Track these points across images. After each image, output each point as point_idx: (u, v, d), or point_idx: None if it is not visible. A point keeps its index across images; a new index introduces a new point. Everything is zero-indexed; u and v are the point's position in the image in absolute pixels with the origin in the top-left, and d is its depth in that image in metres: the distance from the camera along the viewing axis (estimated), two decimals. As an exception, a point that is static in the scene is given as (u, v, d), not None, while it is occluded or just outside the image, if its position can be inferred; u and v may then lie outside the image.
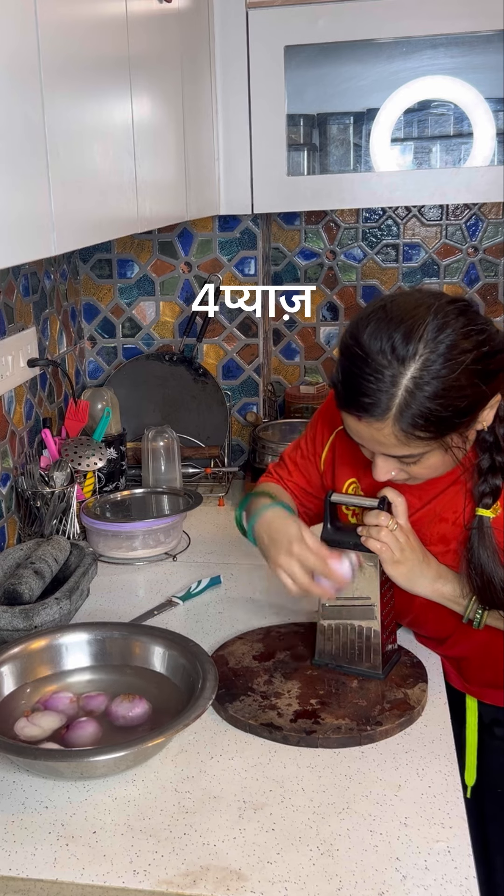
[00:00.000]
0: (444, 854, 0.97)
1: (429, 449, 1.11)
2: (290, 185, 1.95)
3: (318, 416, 1.43)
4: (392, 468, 1.16)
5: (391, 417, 1.07)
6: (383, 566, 1.23)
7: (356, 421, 1.11)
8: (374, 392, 1.06)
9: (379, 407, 1.07)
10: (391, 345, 1.05)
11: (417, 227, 2.33)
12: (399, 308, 1.09)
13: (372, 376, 1.06)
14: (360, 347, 1.08)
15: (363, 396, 1.07)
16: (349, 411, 1.11)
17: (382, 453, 1.14)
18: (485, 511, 1.20)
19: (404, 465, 1.15)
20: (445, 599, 1.24)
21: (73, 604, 1.47)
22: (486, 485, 1.19)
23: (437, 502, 1.26)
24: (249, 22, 1.86)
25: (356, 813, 1.04)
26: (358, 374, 1.08)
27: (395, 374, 1.05)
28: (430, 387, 1.05)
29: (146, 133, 1.34)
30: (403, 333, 1.06)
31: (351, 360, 1.09)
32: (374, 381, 1.06)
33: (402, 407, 1.06)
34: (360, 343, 1.08)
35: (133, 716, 1.17)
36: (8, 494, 1.73)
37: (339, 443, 1.37)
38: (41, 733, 1.14)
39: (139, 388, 2.23)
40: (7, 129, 0.83)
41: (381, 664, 1.28)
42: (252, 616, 1.51)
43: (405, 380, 1.05)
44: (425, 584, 1.23)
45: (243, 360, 2.25)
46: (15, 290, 1.78)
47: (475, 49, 1.98)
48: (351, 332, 1.10)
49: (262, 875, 0.94)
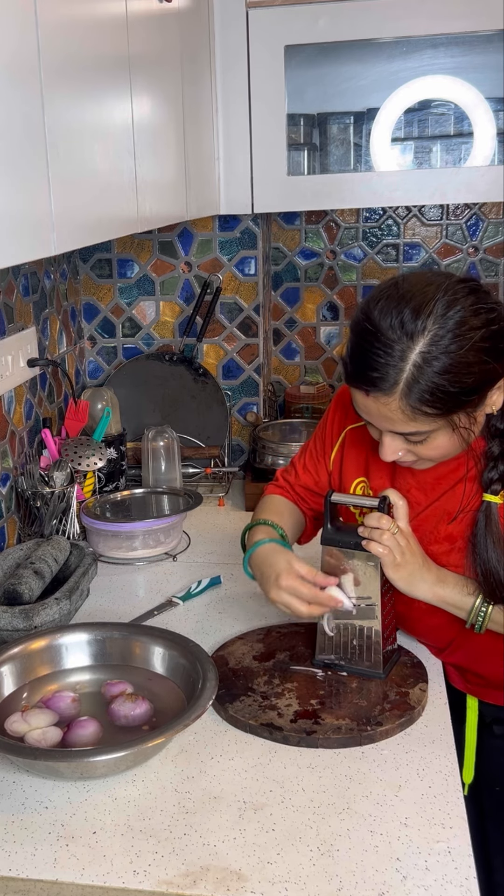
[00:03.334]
0: (444, 854, 0.97)
1: (435, 427, 1.12)
2: (291, 184, 1.95)
3: (327, 416, 1.44)
4: (399, 448, 1.17)
5: (399, 392, 1.08)
6: (383, 569, 1.23)
7: (364, 396, 1.12)
8: (383, 366, 1.08)
9: (387, 381, 1.08)
10: (400, 320, 1.07)
11: (418, 226, 2.33)
12: (410, 286, 1.11)
13: (381, 350, 1.08)
14: (370, 322, 1.10)
15: (372, 371, 1.09)
16: (358, 386, 1.13)
17: (389, 431, 1.15)
18: (492, 497, 1.21)
19: (411, 445, 1.16)
20: (445, 604, 1.24)
21: (73, 604, 1.47)
22: (495, 471, 1.21)
23: (444, 499, 1.26)
24: (249, 22, 1.86)
25: (356, 813, 1.03)
26: (367, 348, 1.09)
27: (404, 348, 1.07)
28: (439, 362, 1.07)
29: (146, 133, 1.34)
30: (413, 309, 1.08)
31: (361, 335, 1.11)
32: (382, 355, 1.08)
33: (410, 382, 1.07)
34: (371, 319, 1.10)
35: (135, 715, 1.17)
36: (8, 494, 1.73)
37: (348, 442, 1.38)
38: (27, 730, 1.14)
39: (139, 388, 2.22)
40: (7, 128, 0.83)
41: (381, 664, 1.28)
42: (252, 616, 1.51)
43: (414, 354, 1.07)
44: (425, 587, 1.23)
45: (243, 360, 2.25)
46: (15, 290, 1.78)
47: (475, 49, 1.98)
48: (362, 308, 1.13)
49: (262, 875, 0.94)
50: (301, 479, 1.45)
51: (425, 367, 1.07)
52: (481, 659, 1.31)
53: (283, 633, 1.42)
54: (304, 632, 1.41)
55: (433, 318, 1.07)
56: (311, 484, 1.44)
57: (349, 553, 1.26)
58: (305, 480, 1.44)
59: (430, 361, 1.06)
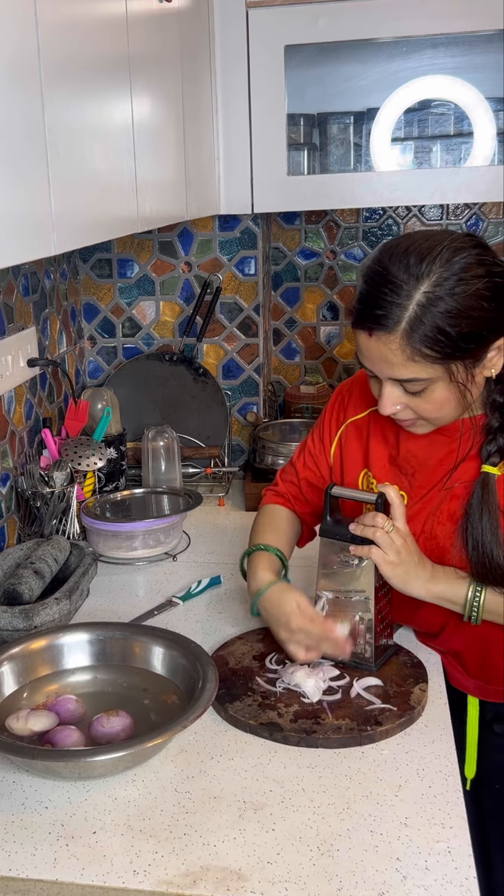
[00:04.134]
0: (444, 854, 0.97)
1: (433, 375, 1.15)
2: (290, 184, 1.95)
3: (325, 412, 1.46)
4: (398, 399, 1.19)
5: (401, 331, 1.12)
6: (378, 568, 1.24)
7: (367, 337, 1.16)
8: (388, 304, 1.13)
9: (391, 318, 1.13)
10: (407, 263, 1.13)
11: (418, 226, 2.33)
12: (419, 235, 1.18)
13: (387, 290, 1.13)
14: (379, 265, 1.16)
15: (377, 309, 1.14)
16: (363, 326, 1.17)
17: (389, 377, 1.18)
18: (490, 468, 1.23)
19: (409, 397, 1.19)
20: (439, 599, 1.25)
21: (73, 604, 1.47)
22: (494, 444, 1.23)
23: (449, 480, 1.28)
24: (249, 22, 1.86)
25: (356, 813, 1.03)
26: (375, 289, 1.15)
27: (410, 289, 1.12)
28: (443, 303, 1.11)
29: (146, 133, 1.34)
30: (420, 254, 1.14)
31: (370, 277, 1.17)
32: (388, 293, 1.13)
33: (413, 321, 1.12)
34: (381, 262, 1.16)
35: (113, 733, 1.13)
36: (8, 494, 1.73)
37: (348, 435, 1.39)
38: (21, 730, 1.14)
39: (139, 388, 2.22)
40: (7, 128, 0.83)
41: (373, 656, 1.29)
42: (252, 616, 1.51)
43: (418, 294, 1.12)
44: (419, 585, 1.24)
45: (243, 360, 2.25)
46: (15, 290, 1.78)
47: (475, 49, 1.98)
48: (374, 255, 1.19)
49: (262, 875, 0.94)
50: (302, 475, 1.46)
51: (429, 307, 1.11)
52: (477, 647, 1.32)
53: (283, 633, 1.42)
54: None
55: (439, 262, 1.13)
56: (314, 479, 1.45)
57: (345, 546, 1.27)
58: (307, 476, 1.45)
59: (433, 301, 1.11)
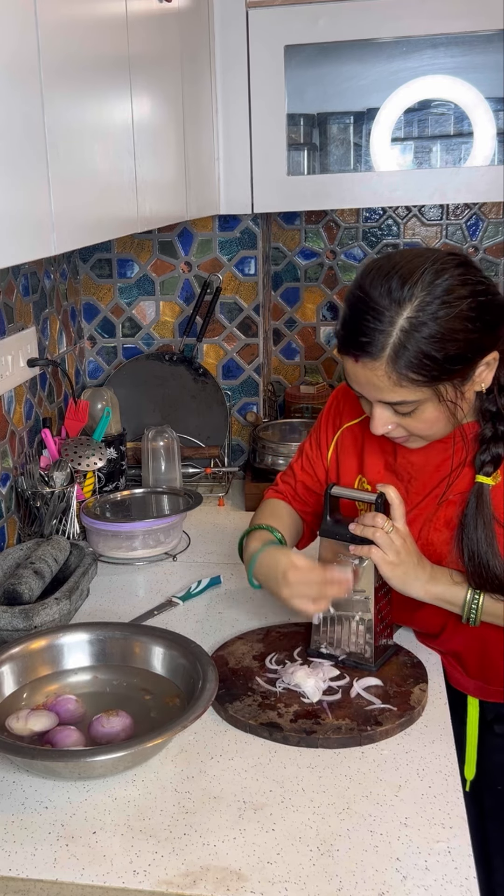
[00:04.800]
0: (444, 854, 0.97)
1: (422, 397, 1.14)
2: (290, 184, 1.95)
3: (321, 416, 1.46)
4: (388, 420, 1.19)
5: (386, 357, 1.12)
6: (378, 568, 1.24)
7: (353, 363, 1.16)
8: (372, 331, 1.12)
9: (375, 346, 1.12)
10: (389, 287, 1.12)
11: (418, 226, 2.33)
12: (400, 258, 1.16)
13: (370, 316, 1.12)
14: (361, 291, 1.14)
15: (361, 336, 1.13)
16: (347, 352, 1.16)
17: (378, 400, 1.17)
18: (484, 478, 1.22)
19: (400, 417, 1.18)
20: (438, 600, 1.25)
21: (73, 604, 1.47)
22: (488, 453, 1.23)
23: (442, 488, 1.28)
24: (249, 22, 1.86)
25: (356, 813, 1.03)
26: (358, 315, 1.14)
27: (393, 314, 1.11)
28: (426, 328, 1.10)
29: (146, 133, 1.34)
30: (401, 277, 1.12)
31: (353, 303, 1.16)
32: (371, 320, 1.12)
33: (397, 347, 1.11)
34: (362, 287, 1.14)
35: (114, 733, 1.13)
36: (8, 494, 1.73)
37: (344, 440, 1.40)
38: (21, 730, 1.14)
39: (139, 388, 2.22)
40: (7, 128, 0.83)
41: (373, 657, 1.29)
42: (252, 616, 1.51)
43: (401, 320, 1.10)
44: (418, 585, 1.24)
45: (243, 360, 2.25)
46: (15, 290, 1.78)
47: (475, 49, 1.98)
48: (356, 279, 1.18)
49: (262, 875, 0.94)
50: (299, 478, 1.47)
51: (412, 333, 1.10)
52: (477, 647, 1.32)
53: (283, 633, 1.42)
54: (303, 632, 1.41)
55: (421, 285, 1.11)
56: (311, 482, 1.45)
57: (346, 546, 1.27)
58: (304, 479, 1.46)
59: (417, 327, 1.10)
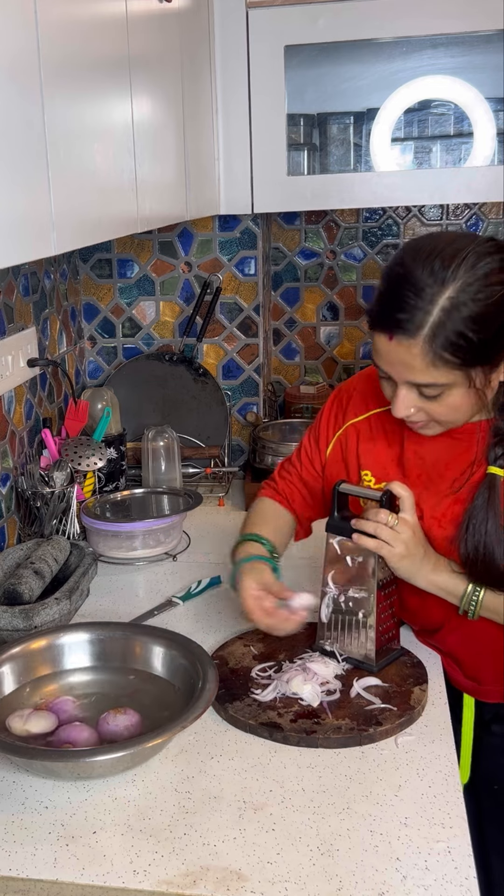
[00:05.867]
0: (444, 854, 0.97)
1: (452, 380, 1.13)
2: (290, 184, 1.95)
3: (322, 413, 1.46)
4: (412, 402, 1.18)
5: (423, 336, 1.10)
6: (386, 560, 1.24)
7: (387, 341, 1.14)
8: (412, 308, 1.10)
9: (413, 323, 1.10)
10: (432, 267, 1.11)
11: (418, 226, 2.33)
12: (443, 238, 1.15)
13: (411, 293, 1.11)
14: (402, 267, 1.13)
15: (400, 312, 1.11)
16: (383, 329, 1.14)
17: (407, 381, 1.16)
18: (497, 469, 1.22)
19: (424, 401, 1.17)
20: (439, 589, 1.26)
21: (73, 604, 1.47)
22: (501, 446, 1.22)
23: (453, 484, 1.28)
24: (249, 22, 1.86)
25: (356, 813, 1.04)
26: (398, 291, 1.12)
27: (434, 293, 1.10)
28: (467, 308, 1.09)
29: (146, 133, 1.34)
30: (444, 257, 1.11)
31: (393, 279, 1.14)
32: (412, 297, 1.11)
33: (436, 326, 1.10)
34: (404, 264, 1.13)
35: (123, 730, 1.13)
36: (8, 494, 1.73)
37: (346, 439, 1.39)
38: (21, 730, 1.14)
39: (139, 388, 2.22)
40: (7, 129, 0.83)
41: (374, 657, 1.29)
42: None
43: (442, 299, 1.10)
44: (422, 575, 1.25)
45: (243, 360, 2.25)
46: (15, 290, 1.78)
47: (475, 49, 1.98)
48: (397, 256, 1.17)
49: (262, 875, 0.94)
50: (298, 475, 1.48)
51: (453, 313, 1.09)
52: (476, 645, 1.32)
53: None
54: (303, 632, 1.40)
55: (464, 267, 1.10)
56: (309, 479, 1.46)
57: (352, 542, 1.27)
58: (303, 476, 1.47)
59: (458, 307, 1.09)
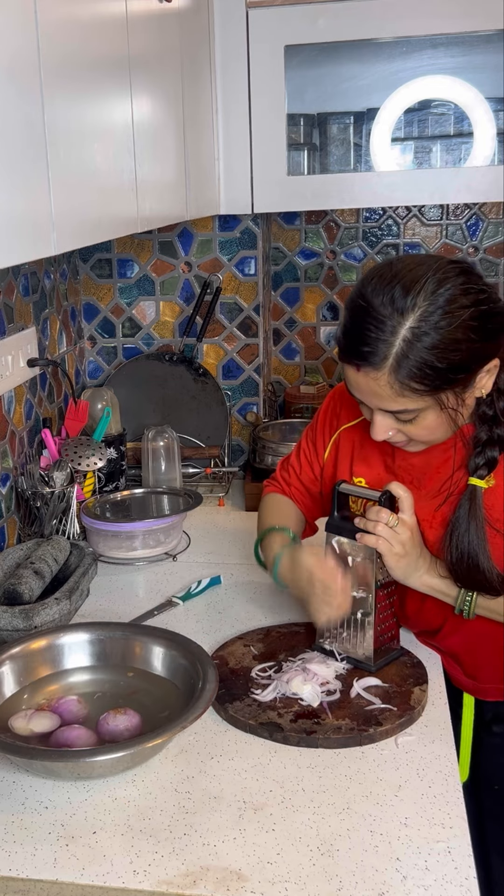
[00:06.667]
0: (444, 854, 0.97)
1: (424, 406, 1.14)
2: (290, 184, 1.95)
3: (317, 416, 1.46)
4: (389, 426, 1.19)
5: (388, 367, 1.11)
6: (383, 559, 1.25)
7: (355, 372, 1.15)
8: (374, 341, 1.11)
9: (377, 356, 1.11)
10: (391, 297, 1.11)
11: (418, 226, 2.33)
12: (402, 265, 1.15)
13: (372, 325, 1.11)
14: (363, 299, 1.13)
15: (363, 345, 1.12)
16: (349, 361, 1.16)
17: (379, 408, 1.17)
18: (477, 481, 1.22)
19: (401, 424, 1.18)
20: (433, 590, 1.26)
21: (73, 604, 1.47)
22: (482, 456, 1.22)
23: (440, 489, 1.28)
24: (249, 22, 1.86)
25: (356, 813, 1.03)
26: (360, 324, 1.13)
27: (395, 324, 1.10)
28: (428, 338, 1.09)
29: (146, 133, 1.34)
30: (404, 286, 1.11)
31: (354, 311, 1.15)
32: (374, 330, 1.11)
33: (400, 357, 1.10)
34: (364, 296, 1.13)
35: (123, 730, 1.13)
36: (8, 494, 1.73)
37: (340, 444, 1.39)
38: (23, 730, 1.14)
39: (139, 388, 2.22)
40: (7, 129, 0.83)
41: (373, 656, 1.29)
42: (252, 616, 1.51)
43: (404, 330, 1.10)
44: (417, 576, 1.26)
45: (243, 360, 2.25)
46: (15, 290, 1.78)
47: (475, 49, 1.98)
48: (357, 287, 1.17)
49: (262, 875, 0.94)
50: (297, 476, 1.48)
51: (414, 343, 1.09)
52: (476, 645, 1.32)
53: (283, 633, 1.42)
54: (303, 632, 1.41)
55: (423, 295, 1.10)
56: (308, 481, 1.46)
57: (351, 542, 1.28)
58: (301, 478, 1.47)
59: (419, 337, 1.09)
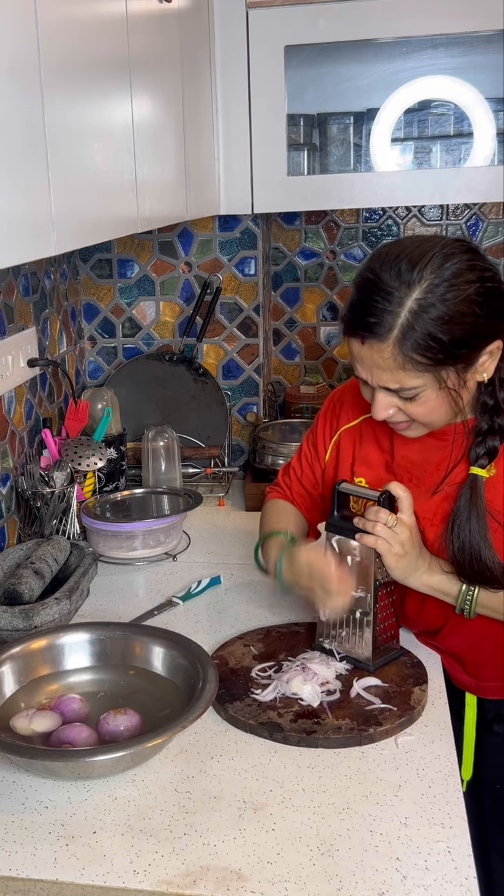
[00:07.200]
0: (444, 854, 0.97)
1: (425, 382, 1.15)
2: (290, 185, 1.95)
3: (317, 419, 1.46)
4: (390, 405, 1.20)
5: (393, 338, 1.12)
6: (383, 558, 1.25)
7: (360, 345, 1.16)
8: (380, 312, 1.13)
9: (383, 326, 1.13)
10: (398, 270, 1.13)
11: (418, 226, 2.33)
12: (410, 242, 1.18)
13: (379, 297, 1.13)
14: (371, 272, 1.16)
15: (369, 316, 1.14)
16: (354, 333, 1.17)
17: (381, 385, 1.18)
18: (478, 470, 1.23)
19: (402, 402, 1.19)
20: (433, 590, 1.26)
21: (73, 604, 1.47)
22: (483, 446, 1.23)
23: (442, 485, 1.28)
24: (249, 22, 1.86)
25: (356, 813, 1.04)
26: (367, 296, 1.15)
27: (402, 295, 1.12)
28: (434, 309, 1.11)
29: (146, 133, 1.34)
30: (410, 260, 1.13)
31: (362, 285, 1.17)
32: (380, 301, 1.13)
33: (405, 328, 1.11)
34: (372, 269, 1.16)
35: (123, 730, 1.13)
36: (8, 494, 1.73)
37: (340, 445, 1.39)
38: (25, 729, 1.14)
39: (139, 388, 2.22)
40: (7, 128, 0.83)
41: (372, 656, 1.29)
42: (252, 616, 1.51)
43: (410, 301, 1.12)
44: (417, 576, 1.26)
45: (243, 360, 2.25)
46: (15, 290, 1.78)
47: (475, 49, 1.98)
48: (365, 263, 1.19)
49: (262, 875, 0.94)
50: (298, 479, 1.48)
51: (420, 314, 1.11)
52: (477, 645, 1.32)
53: (283, 633, 1.42)
54: (303, 632, 1.41)
55: (430, 268, 1.12)
56: (309, 485, 1.46)
57: (351, 542, 1.28)
58: (303, 481, 1.47)
59: (425, 308, 1.11)
